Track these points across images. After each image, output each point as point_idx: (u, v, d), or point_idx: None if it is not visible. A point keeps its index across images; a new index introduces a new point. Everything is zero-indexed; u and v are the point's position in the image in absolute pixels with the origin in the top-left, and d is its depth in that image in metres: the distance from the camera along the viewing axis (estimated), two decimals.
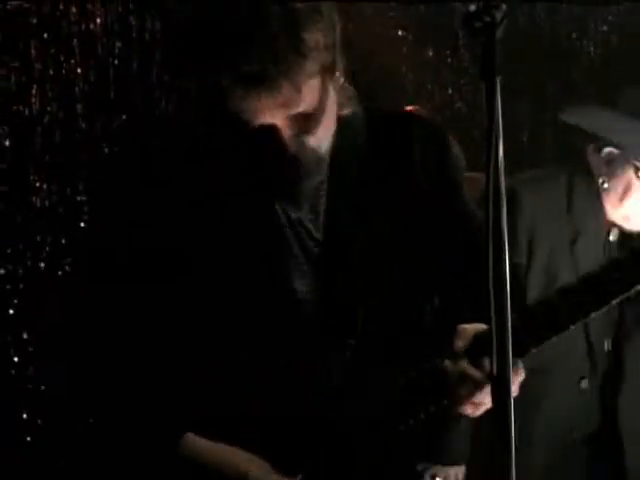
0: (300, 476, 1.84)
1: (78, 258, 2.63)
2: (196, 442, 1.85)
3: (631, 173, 2.81)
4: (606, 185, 2.85)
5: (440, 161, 1.97)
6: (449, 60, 3.84)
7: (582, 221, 2.86)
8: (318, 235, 1.89)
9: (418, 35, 3.75)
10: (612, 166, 2.85)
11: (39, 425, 2.92)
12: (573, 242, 2.82)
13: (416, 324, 1.97)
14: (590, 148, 2.88)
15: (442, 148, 1.98)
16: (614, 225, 2.90)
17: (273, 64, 1.65)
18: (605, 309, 1.78)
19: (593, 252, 2.87)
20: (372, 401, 1.86)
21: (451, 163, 1.99)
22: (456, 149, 2.01)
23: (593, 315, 1.78)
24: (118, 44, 3.12)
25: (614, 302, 1.77)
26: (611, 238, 2.90)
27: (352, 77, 1.89)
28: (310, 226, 1.89)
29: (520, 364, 1.81)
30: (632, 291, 1.73)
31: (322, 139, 1.81)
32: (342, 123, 1.90)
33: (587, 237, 2.86)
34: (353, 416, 1.85)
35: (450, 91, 3.84)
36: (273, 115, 1.71)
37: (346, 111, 1.89)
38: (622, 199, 2.84)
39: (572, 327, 1.79)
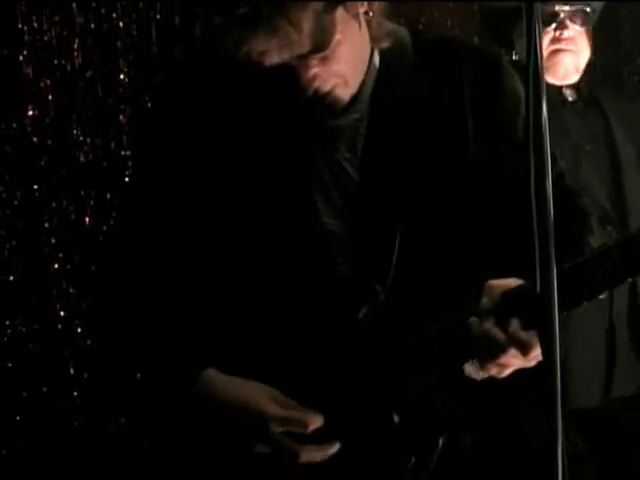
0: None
1: (122, 212, 2.63)
2: (215, 376, 1.81)
3: None
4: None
5: (491, 95, 1.85)
6: None
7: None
8: (354, 174, 1.84)
9: None
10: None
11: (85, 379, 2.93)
12: None
13: (449, 277, 1.87)
14: None
15: (495, 81, 1.86)
16: (562, 86, 2.95)
17: (267, 3, 1.59)
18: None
19: (552, 114, 2.89)
20: (396, 351, 1.80)
21: (503, 98, 1.86)
22: (511, 82, 1.86)
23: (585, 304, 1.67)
24: None
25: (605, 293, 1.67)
26: (570, 98, 2.96)
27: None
28: (347, 165, 1.83)
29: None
30: (623, 283, 1.65)
31: (349, 76, 1.76)
32: (384, 57, 1.85)
33: None
34: (377, 361, 1.80)
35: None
36: (280, 55, 1.66)
37: (385, 45, 1.83)
38: None
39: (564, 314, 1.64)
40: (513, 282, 1.73)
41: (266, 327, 1.83)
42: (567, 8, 2.86)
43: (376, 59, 1.85)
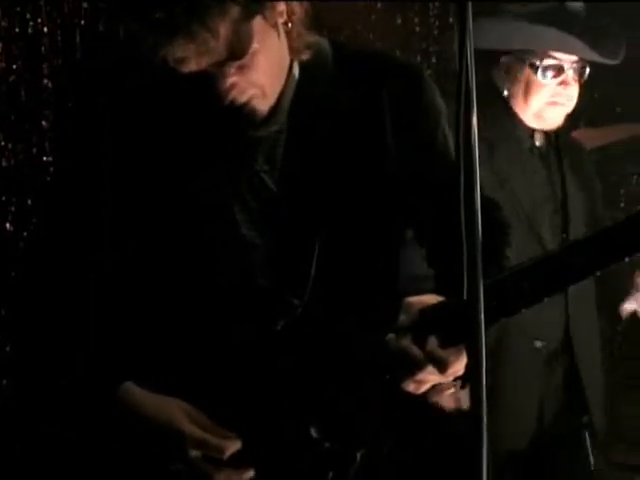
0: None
1: (41, 217, 2.61)
2: (133, 391, 1.80)
3: (528, 71, 2.93)
4: (506, 93, 2.99)
5: (412, 107, 1.88)
6: (417, 28, 3.82)
7: (496, 133, 2.95)
8: (273, 186, 1.84)
9: (386, 3, 3.73)
10: (511, 72, 2.98)
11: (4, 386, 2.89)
12: (490, 155, 2.89)
13: (367, 291, 1.89)
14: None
15: (415, 93, 1.89)
16: (535, 130, 3.01)
17: (184, 10, 1.60)
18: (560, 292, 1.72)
19: (520, 159, 2.98)
20: (312, 365, 1.82)
21: (424, 110, 1.89)
22: (432, 94, 1.90)
23: (546, 299, 1.69)
24: (84, 4, 3.08)
25: (570, 286, 1.71)
26: (537, 143, 3.01)
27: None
28: (265, 177, 1.84)
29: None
30: (591, 276, 1.68)
31: (267, 86, 1.77)
32: (304, 69, 1.86)
33: (507, 146, 2.97)
34: (294, 374, 1.82)
35: (419, 58, 3.82)
36: (198, 63, 1.66)
37: (304, 57, 1.84)
38: (527, 99, 2.96)
39: (523, 310, 1.70)
40: (431, 299, 1.76)
41: (182, 338, 1.83)
42: (573, 64, 2.93)
43: (296, 70, 1.87)
